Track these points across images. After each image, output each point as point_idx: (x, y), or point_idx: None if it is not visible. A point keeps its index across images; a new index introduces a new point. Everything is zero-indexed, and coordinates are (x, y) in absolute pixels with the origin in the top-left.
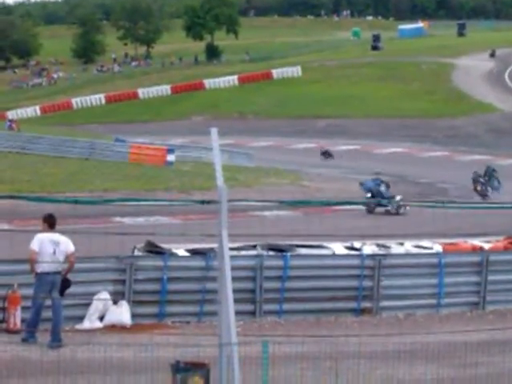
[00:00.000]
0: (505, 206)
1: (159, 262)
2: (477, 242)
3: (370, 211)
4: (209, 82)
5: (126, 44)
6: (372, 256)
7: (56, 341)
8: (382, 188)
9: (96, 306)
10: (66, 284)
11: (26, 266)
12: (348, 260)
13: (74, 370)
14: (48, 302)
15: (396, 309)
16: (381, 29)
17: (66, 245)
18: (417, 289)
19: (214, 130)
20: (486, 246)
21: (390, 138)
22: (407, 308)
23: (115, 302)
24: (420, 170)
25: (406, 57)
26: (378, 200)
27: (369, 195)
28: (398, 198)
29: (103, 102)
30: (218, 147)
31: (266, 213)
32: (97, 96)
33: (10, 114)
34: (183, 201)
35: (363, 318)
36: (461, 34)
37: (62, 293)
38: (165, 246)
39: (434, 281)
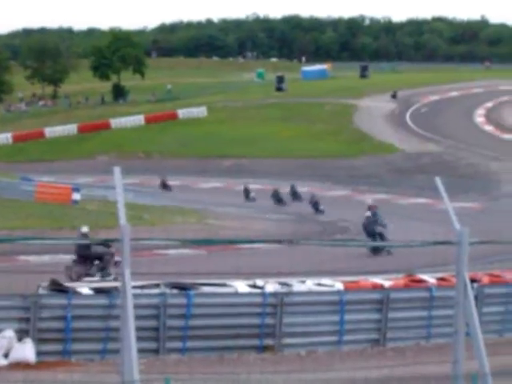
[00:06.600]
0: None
1: (63, 301)
2: (377, 279)
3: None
4: (115, 122)
5: (33, 83)
6: (274, 294)
7: None
8: None
9: (0, 344)
10: None
11: None
12: (250, 298)
13: None
14: None
15: (298, 346)
16: (285, 70)
17: None
18: (318, 326)
19: (117, 169)
20: (387, 284)
21: (293, 178)
22: (309, 345)
23: (20, 340)
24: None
25: (309, 98)
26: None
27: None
28: None
29: (10, 141)
30: (121, 186)
31: (171, 251)
32: (4, 135)
33: None
34: (86, 239)
35: (265, 356)
36: (363, 75)
37: None
38: (69, 284)
39: (336, 318)
